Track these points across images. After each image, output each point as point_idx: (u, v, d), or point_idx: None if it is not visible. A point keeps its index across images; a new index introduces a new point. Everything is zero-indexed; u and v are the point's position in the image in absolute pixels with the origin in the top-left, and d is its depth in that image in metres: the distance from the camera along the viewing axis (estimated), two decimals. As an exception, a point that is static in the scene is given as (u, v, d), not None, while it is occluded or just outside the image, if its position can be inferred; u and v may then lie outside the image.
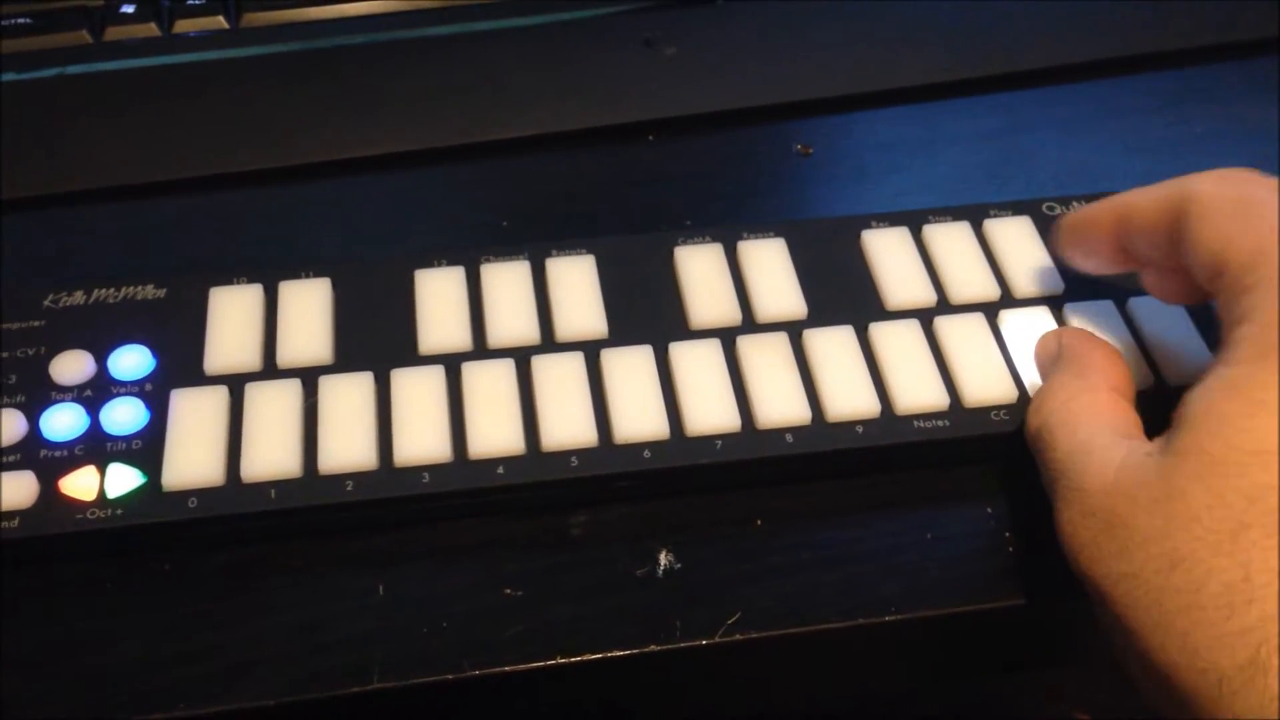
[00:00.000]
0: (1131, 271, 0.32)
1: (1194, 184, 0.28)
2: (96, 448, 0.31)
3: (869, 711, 0.39)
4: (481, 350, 0.33)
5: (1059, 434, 0.28)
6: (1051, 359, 0.32)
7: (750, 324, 0.34)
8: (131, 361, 0.33)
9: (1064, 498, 0.27)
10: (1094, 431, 0.28)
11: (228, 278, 0.35)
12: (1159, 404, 0.29)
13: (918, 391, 0.32)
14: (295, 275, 0.35)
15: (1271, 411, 0.24)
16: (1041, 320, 0.34)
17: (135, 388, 0.32)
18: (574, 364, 0.33)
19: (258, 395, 0.32)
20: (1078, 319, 0.34)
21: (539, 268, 0.35)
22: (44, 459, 0.31)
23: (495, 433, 0.31)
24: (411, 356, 0.33)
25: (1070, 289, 0.35)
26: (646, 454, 0.31)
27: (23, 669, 0.29)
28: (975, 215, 0.37)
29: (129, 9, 0.46)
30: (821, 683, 0.33)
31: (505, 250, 0.36)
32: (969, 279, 0.35)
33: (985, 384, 0.33)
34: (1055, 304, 0.35)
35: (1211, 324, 0.34)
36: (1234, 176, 0.28)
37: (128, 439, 0.31)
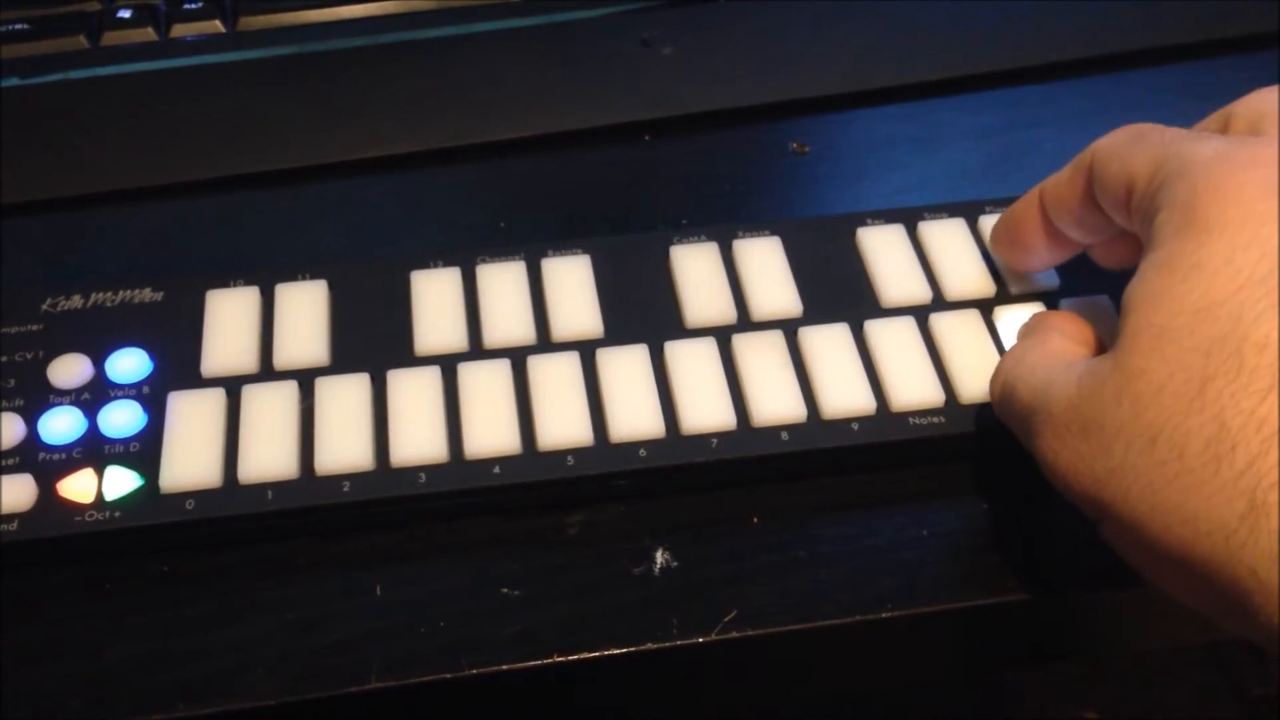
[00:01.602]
0: (1074, 255, 0.33)
1: (1092, 145, 0.30)
2: (94, 450, 0.31)
3: (869, 710, 0.39)
4: (478, 351, 0.33)
5: (1018, 387, 0.29)
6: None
7: (745, 322, 0.34)
8: (129, 364, 0.33)
9: (1038, 433, 0.27)
10: (1049, 369, 0.28)
11: (224, 280, 0.35)
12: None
13: (913, 388, 0.32)
14: (292, 277, 0.35)
15: (1204, 270, 0.24)
16: (1037, 316, 0.34)
17: (133, 390, 0.32)
18: (570, 364, 0.33)
19: (255, 397, 0.32)
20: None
21: (535, 268, 0.35)
22: (42, 462, 0.31)
23: (492, 433, 0.31)
24: (408, 357, 0.33)
25: (1065, 285, 0.35)
26: (642, 453, 0.31)
27: (22, 670, 0.29)
28: (970, 212, 0.37)
29: (126, 14, 0.46)
30: (819, 680, 0.33)
31: (501, 251, 0.36)
32: (964, 276, 0.35)
33: (981, 380, 0.33)
34: (1051, 300, 0.35)
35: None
36: (1126, 127, 0.30)
37: (125, 441, 0.31)
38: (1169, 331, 0.25)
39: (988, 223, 0.37)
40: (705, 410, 0.32)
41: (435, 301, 0.34)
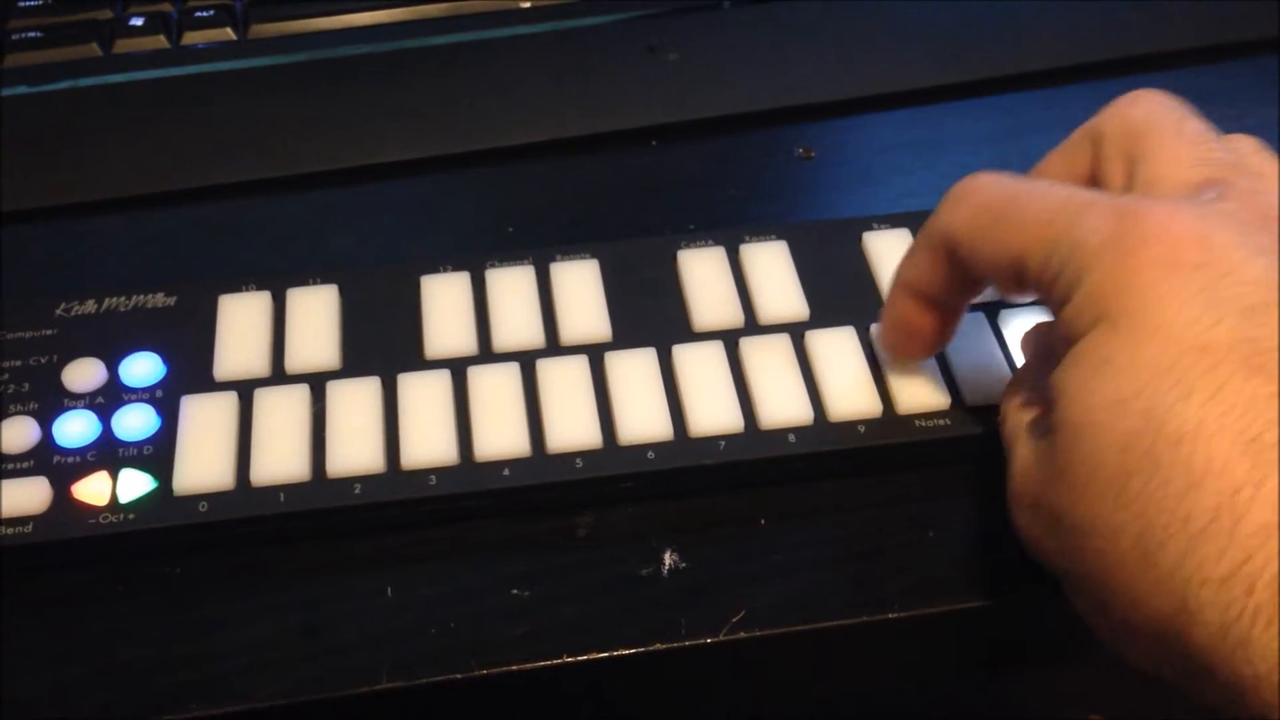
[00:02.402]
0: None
1: (934, 222, 0.29)
2: (108, 453, 0.31)
3: (875, 711, 0.39)
4: (487, 354, 0.34)
5: (1002, 435, 0.29)
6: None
7: (753, 326, 0.35)
8: (142, 368, 0.33)
9: (1007, 488, 0.28)
10: (1013, 429, 0.28)
11: (237, 285, 0.35)
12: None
13: (920, 391, 0.33)
14: (303, 282, 0.35)
15: (1113, 364, 0.24)
16: (1041, 320, 0.34)
17: (146, 394, 0.33)
18: (578, 367, 0.33)
19: (267, 401, 0.32)
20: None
21: (543, 272, 0.36)
22: (57, 465, 0.31)
23: (501, 435, 0.32)
24: (418, 361, 0.34)
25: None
26: (651, 455, 0.32)
27: (36, 671, 0.29)
28: (976, 216, 0.37)
29: (138, 21, 0.46)
30: (826, 681, 0.34)
31: (510, 255, 0.36)
32: (970, 279, 0.35)
33: (987, 383, 0.33)
34: (1056, 303, 0.35)
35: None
36: (966, 195, 0.29)
37: (139, 445, 0.32)
38: (1087, 427, 0.24)
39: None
40: (713, 413, 0.32)
41: (445, 306, 0.35)
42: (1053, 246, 0.26)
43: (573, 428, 0.32)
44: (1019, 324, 0.34)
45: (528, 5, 0.48)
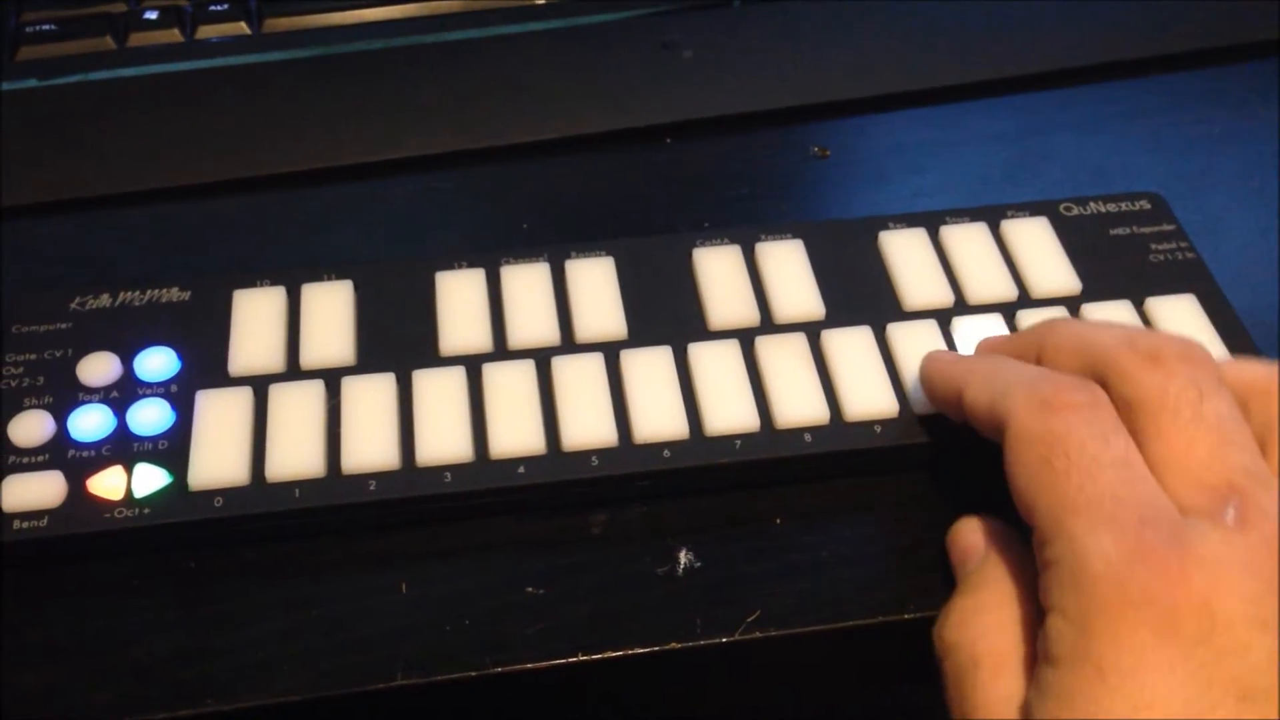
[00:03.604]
0: None
1: (1008, 415, 0.27)
2: (123, 448, 0.31)
3: (893, 713, 0.39)
4: (502, 351, 0.34)
5: (975, 676, 0.26)
6: (972, 555, 0.29)
7: (769, 325, 0.34)
8: (157, 363, 0.33)
9: None
10: (995, 703, 0.26)
11: (251, 280, 0.35)
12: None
13: (936, 391, 0.33)
14: (317, 277, 0.35)
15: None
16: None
17: (161, 389, 0.33)
18: (594, 365, 0.33)
19: (281, 396, 0.32)
20: (1095, 318, 0.34)
21: (558, 269, 0.36)
22: (72, 459, 0.31)
23: (516, 433, 0.32)
24: (432, 357, 0.33)
25: (1088, 289, 0.35)
26: (666, 453, 0.32)
27: (50, 664, 0.29)
28: (992, 216, 0.37)
29: (152, 15, 0.46)
30: (842, 682, 0.33)
31: (525, 252, 0.36)
32: (986, 280, 0.35)
33: (1003, 383, 0.33)
34: (1073, 304, 0.35)
35: (1254, 323, 0.34)
36: (1052, 409, 0.26)
37: (154, 439, 0.32)
38: None
39: (1010, 227, 0.37)
40: (729, 412, 0.32)
41: (460, 302, 0.35)
42: (1060, 529, 0.25)
43: (588, 426, 0.32)
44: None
45: (542, 1, 0.48)
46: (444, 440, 0.31)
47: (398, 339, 0.34)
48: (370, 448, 0.31)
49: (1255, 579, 0.23)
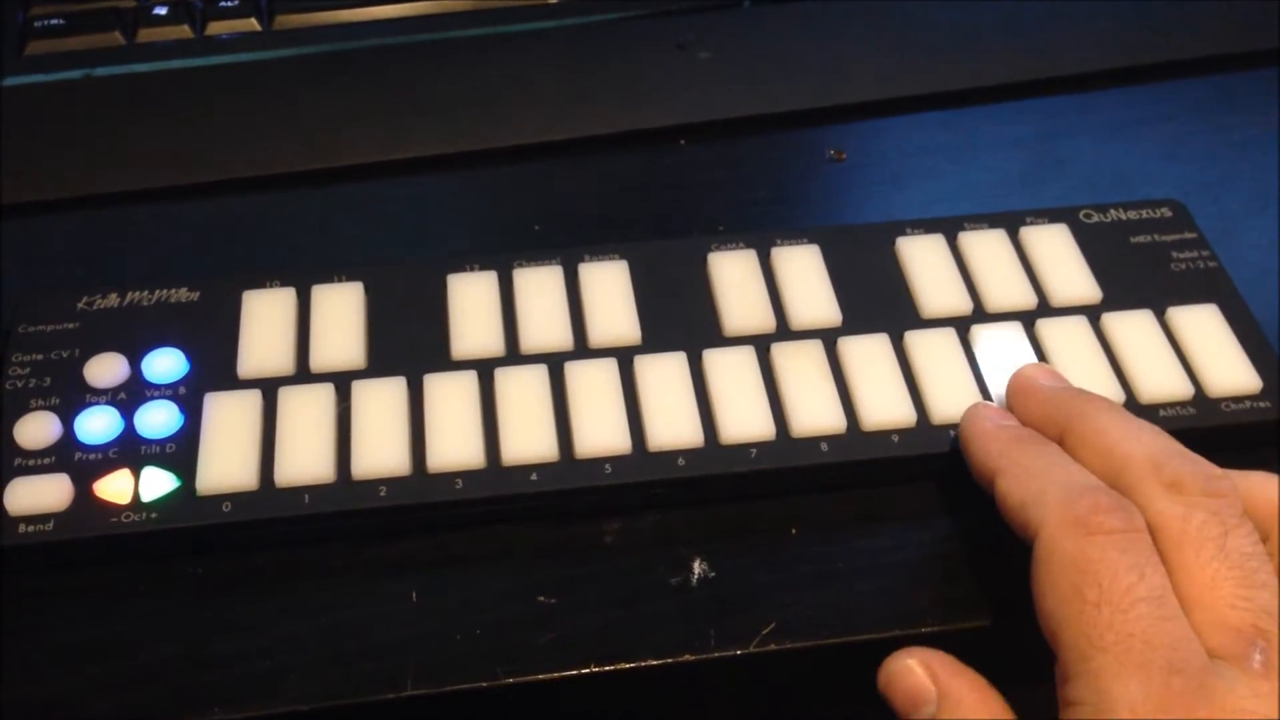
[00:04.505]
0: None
1: (1040, 526, 0.26)
2: (131, 451, 0.31)
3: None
4: (514, 356, 0.33)
5: None
6: (924, 700, 0.27)
7: (784, 331, 0.34)
8: (165, 365, 0.33)
9: None
10: None
11: (261, 281, 0.35)
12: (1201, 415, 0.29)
13: (954, 401, 0.32)
14: (328, 279, 0.35)
15: None
16: (1080, 329, 0.34)
17: (169, 391, 0.32)
18: (607, 370, 0.33)
19: (291, 400, 0.32)
20: (1115, 327, 0.34)
21: (572, 272, 0.35)
22: (78, 462, 0.31)
23: (528, 439, 0.31)
24: (444, 361, 0.33)
25: (1109, 298, 0.35)
26: (680, 462, 0.31)
27: (55, 670, 0.29)
28: (1011, 222, 0.37)
29: (162, 11, 0.46)
30: (857, 695, 0.33)
31: (538, 255, 0.36)
32: (1006, 287, 0.35)
33: (1023, 394, 0.32)
34: (1093, 313, 0.34)
35: (1275, 334, 0.34)
36: (1081, 524, 0.26)
37: (162, 442, 0.31)
38: None
39: (1029, 234, 0.36)
40: (744, 420, 0.32)
41: (472, 305, 0.34)
42: (1084, 663, 0.24)
43: (601, 432, 0.31)
44: (1055, 333, 0.34)
45: (555, 0, 0.47)
46: (455, 446, 0.31)
47: (408, 342, 0.34)
48: (381, 453, 0.31)
49: None
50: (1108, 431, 0.28)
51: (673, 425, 0.32)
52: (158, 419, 0.32)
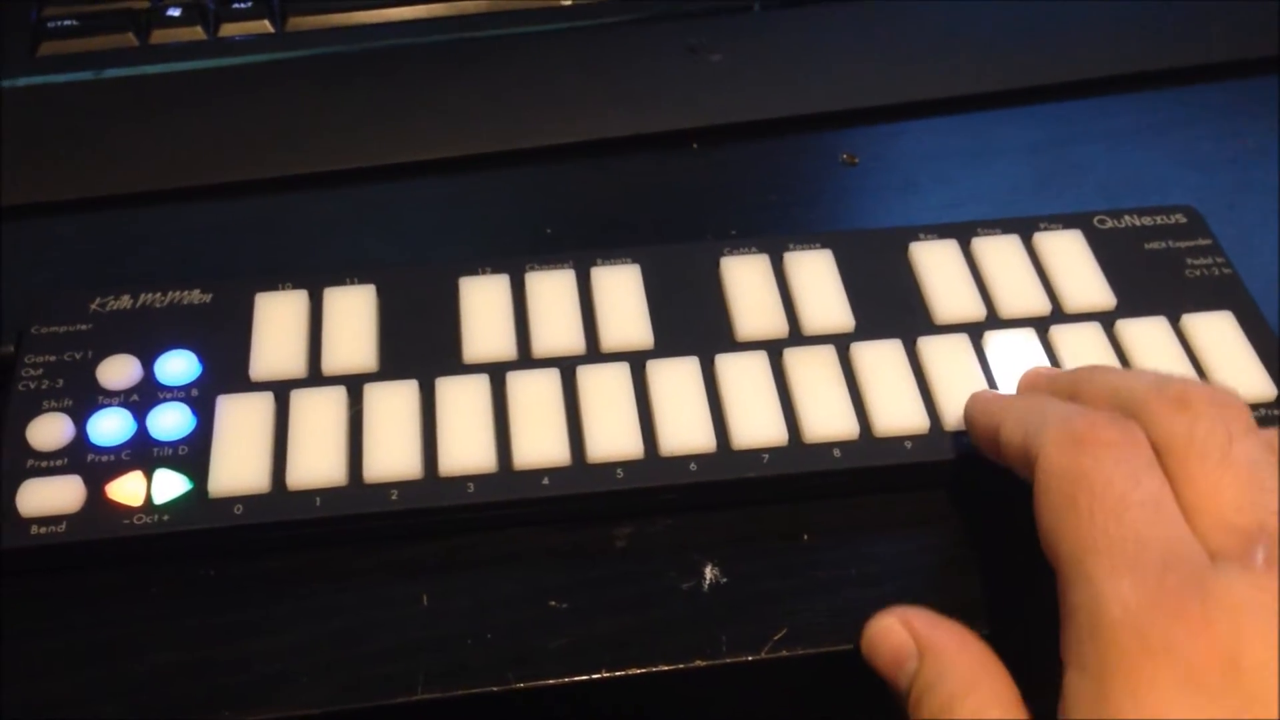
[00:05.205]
0: None
1: (1039, 450, 0.26)
2: (143, 453, 0.31)
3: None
4: (526, 359, 0.33)
5: None
6: (906, 656, 0.27)
7: (797, 336, 0.34)
8: (178, 367, 0.33)
9: None
10: None
11: (273, 283, 0.35)
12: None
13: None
14: (340, 281, 0.35)
15: None
16: (1094, 335, 0.34)
17: (181, 393, 0.32)
18: (620, 375, 0.33)
19: (303, 402, 0.32)
20: (1129, 334, 0.34)
21: (584, 276, 0.35)
22: (91, 463, 0.31)
23: (540, 443, 0.31)
24: (456, 365, 0.33)
25: (1123, 304, 0.35)
26: (693, 467, 0.31)
27: (66, 671, 0.29)
28: (1025, 228, 0.37)
29: (175, 12, 0.46)
30: (869, 702, 0.33)
31: (550, 258, 0.35)
32: (1019, 293, 0.35)
33: (1036, 400, 0.32)
34: (1107, 320, 0.34)
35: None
36: (1084, 445, 0.25)
37: (174, 445, 0.31)
38: None
39: (1042, 240, 0.36)
40: (757, 425, 0.32)
41: (484, 309, 0.34)
42: (1077, 563, 0.24)
43: (613, 437, 0.31)
44: (1069, 339, 0.34)
45: (569, 2, 0.47)
46: (467, 450, 0.31)
47: (421, 345, 0.34)
48: (392, 456, 0.31)
49: None
50: (1113, 378, 0.28)
51: (685, 430, 0.31)
52: (170, 421, 0.32)
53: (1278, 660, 0.22)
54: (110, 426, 0.31)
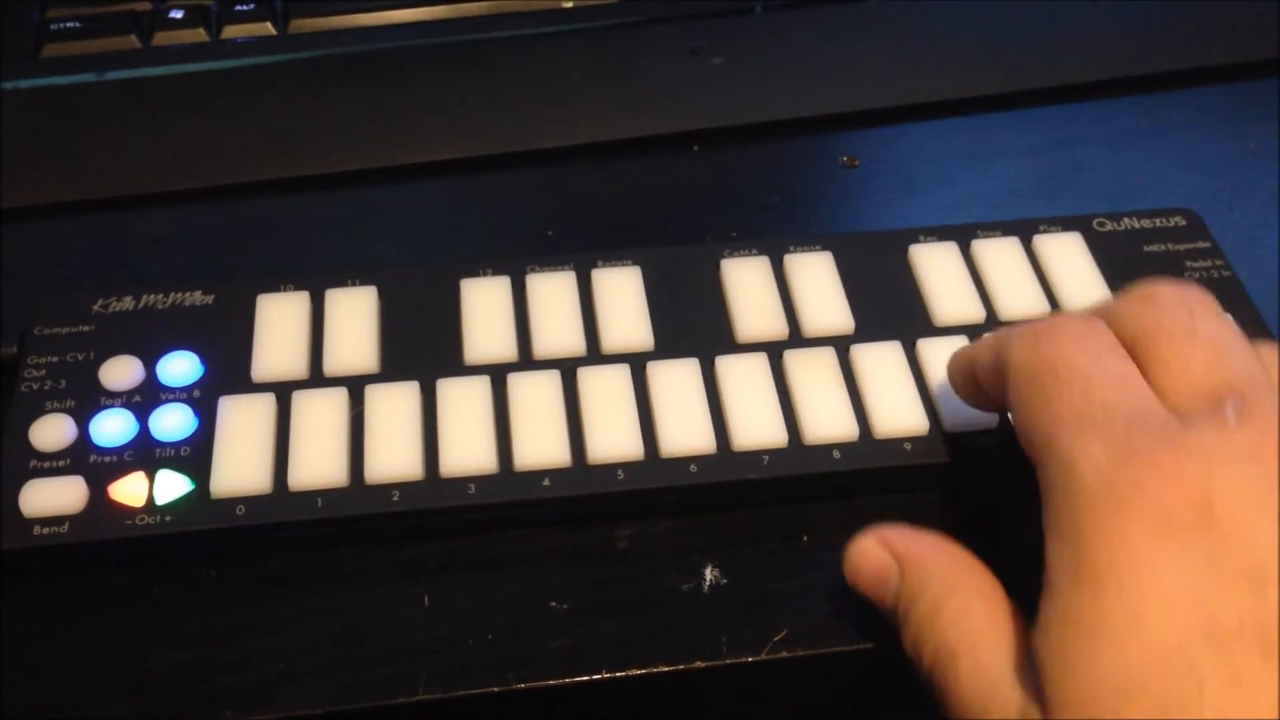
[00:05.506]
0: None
1: (1008, 356, 0.27)
2: (145, 454, 0.31)
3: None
4: (527, 361, 0.33)
5: (958, 666, 0.25)
6: (888, 573, 0.28)
7: (797, 338, 0.34)
8: (180, 368, 0.33)
9: None
10: (992, 677, 0.24)
11: (275, 284, 0.35)
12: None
13: (966, 409, 0.32)
14: (342, 283, 0.35)
15: (1111, 635, 0.21)
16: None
17: (184, 394, 0.32)
18: (620, 376, 0.33)
19: (305, 404, 0.32)
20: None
21: (585, 278, 0.35)
22: (93, 464, 0.31)
23: (541, 445, 0.31)
24: (457, 366, 0.33)
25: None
26: (693, 468, 0.31)
27: (68, 672, 0.29)
28: (1025, 230, 0.37)
29: (178, 14, 0.46)
30: (872, 703, 0.33)
31: (551, 260, 0.36)
32: (1019, 295, 0.35)
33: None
34: (1107, 321, 0.34)
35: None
36: (1046, 337, 0.26)
37: (176, 445, 0.31)
38: (1090, 704, 0.21)
39: (1042, 242, 0.36)
40: (757, 427, 0.32)
41: (485, 310, 0.34)
42: (1050, 450, 0.24)
43: (614, 438, 0.31)
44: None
45: (570, 5, 0.47)
46: (468, 451, 0.31)
47: (422, 346, 0.34)
48: (394, 458, 0.31)
49: (1254, 464, 0.22)
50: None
51: (685, 431, 0.32)
52: (172, 422, 0.32)
53: (1250, 497, 0.22)
54: (112, 427, 0.32)
